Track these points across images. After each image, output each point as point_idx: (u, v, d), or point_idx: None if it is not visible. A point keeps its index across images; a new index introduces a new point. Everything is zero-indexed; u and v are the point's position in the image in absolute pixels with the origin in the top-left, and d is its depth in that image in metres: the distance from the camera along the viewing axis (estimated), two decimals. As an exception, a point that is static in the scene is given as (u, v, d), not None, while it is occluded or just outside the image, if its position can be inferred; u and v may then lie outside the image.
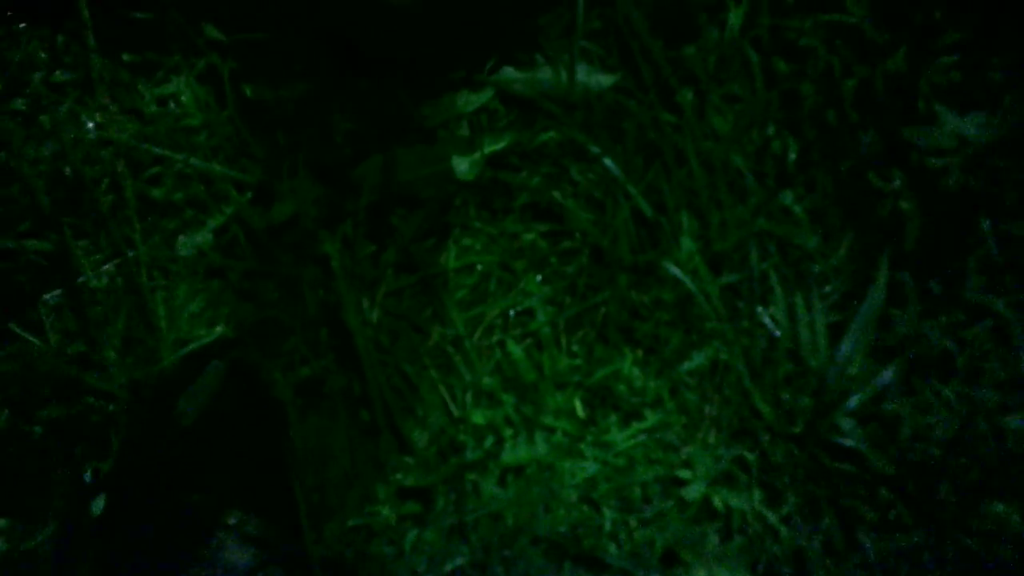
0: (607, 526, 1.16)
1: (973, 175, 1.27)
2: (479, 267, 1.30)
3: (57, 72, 1.33)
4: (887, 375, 1.18)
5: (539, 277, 1.28)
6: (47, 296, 1.24)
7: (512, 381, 1.24)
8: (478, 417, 1.21)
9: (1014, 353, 1.19)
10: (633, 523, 1.16)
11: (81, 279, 1.23)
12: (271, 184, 1.29)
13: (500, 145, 1.34)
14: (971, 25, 1.34)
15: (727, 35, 1.37)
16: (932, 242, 1.26)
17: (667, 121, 1.34)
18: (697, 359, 1.22)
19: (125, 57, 1.34)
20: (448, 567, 1.15)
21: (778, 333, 1.22)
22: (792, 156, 1.33)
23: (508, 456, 1.18)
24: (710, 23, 1.39)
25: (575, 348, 1.26)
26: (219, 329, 1.24)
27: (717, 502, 1.16)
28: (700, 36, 1.39)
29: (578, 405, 1.23)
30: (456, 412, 1.23)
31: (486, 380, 1.24)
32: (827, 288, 1.26)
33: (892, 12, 1.37)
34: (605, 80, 1.36)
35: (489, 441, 1.20)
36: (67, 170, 1.26)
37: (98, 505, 1.14)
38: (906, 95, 1.33)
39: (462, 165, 1.32)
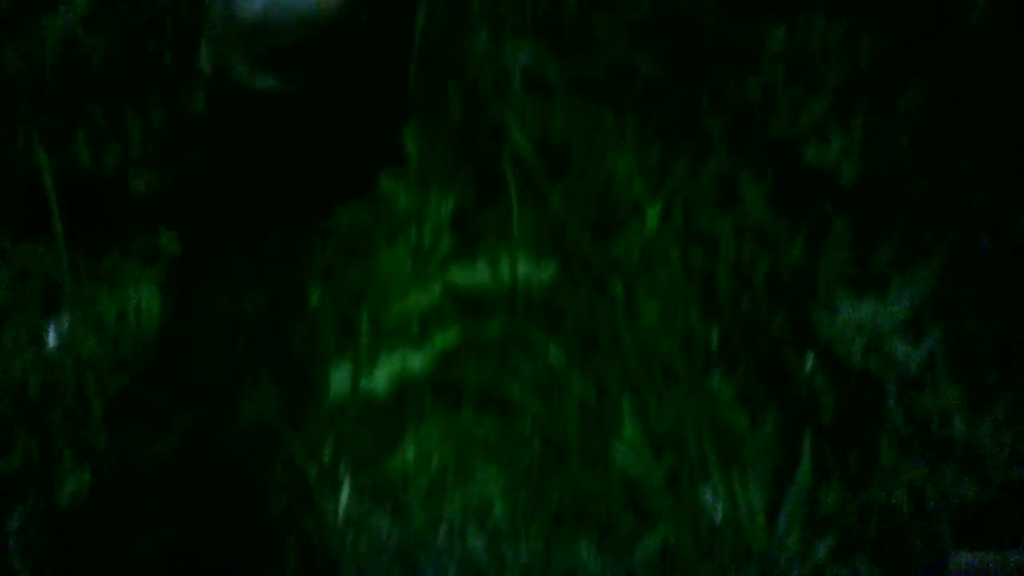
0: None
1: (873, 356, 1.42)
2: (436, 461, 1.35)
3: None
4: (821, 549, 1.29)
5: (495, 469, 1.35)
6: (11, 519, 1.22)
7: None
8: (446, 615, 1.24)
9: (931, 517, 1.31)
10: None
11: (49, 496, 1.23)
12: (234, 389, 1.33)
13: (449, 340, 1.42)
14: (859, 210, 1.52)
15: (647, 231, 1.51)
16: (847, 417, 1.39)
17: (602, 311, 1.46)
18: (648, 541, 1.30)
19: (89, 267, 1.37)
20: None
21: (719, 514, 1.32)
22: (715, 340, 1.45)
23: (480, 654, 1.21)
24: (633, 217, 1.53)
25: (532, 534, 1.32)
26: (185, 540, 1.25)
27: None
28: (623, 229, 1.52)
29: (541, 596, 1.28)
30: (424, 610, 1.26)
31: None
32: (759, 466, 1.36)
33: (788, 204, 1.55)
34: (543, 274, 1.48)
35: (459, 639, 1.23)
36: (31, 385, 1.27)
37: None
38: (808, 280, 1.50)
39: (415, 362, 1.40)
